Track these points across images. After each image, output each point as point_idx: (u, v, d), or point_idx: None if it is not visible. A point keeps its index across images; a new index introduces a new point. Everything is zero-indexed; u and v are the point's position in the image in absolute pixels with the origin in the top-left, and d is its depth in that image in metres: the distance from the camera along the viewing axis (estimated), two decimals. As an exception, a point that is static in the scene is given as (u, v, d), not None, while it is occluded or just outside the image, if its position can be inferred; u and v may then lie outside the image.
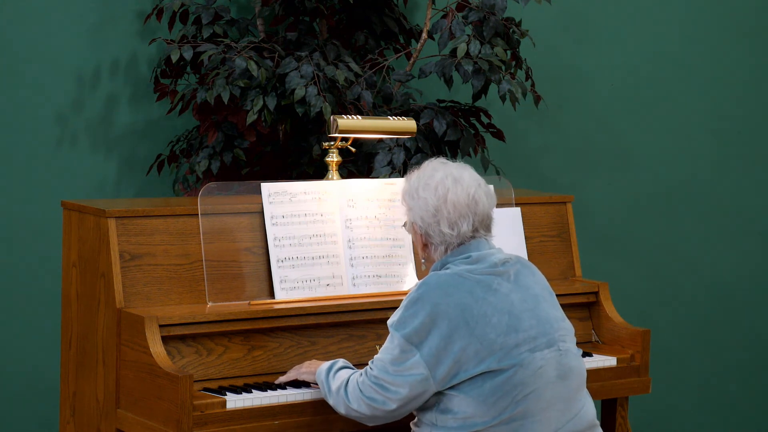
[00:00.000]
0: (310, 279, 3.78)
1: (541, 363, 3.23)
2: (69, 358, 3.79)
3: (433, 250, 3.36)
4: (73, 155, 4.73)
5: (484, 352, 3.19)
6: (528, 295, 3.30)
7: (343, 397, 3.33)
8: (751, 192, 5.84)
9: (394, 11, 4.94)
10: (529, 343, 3.23)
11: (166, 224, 3.65)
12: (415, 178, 3.38)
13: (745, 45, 5.78)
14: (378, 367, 3.27)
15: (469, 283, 3.24)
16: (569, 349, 3.32)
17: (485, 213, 3.34)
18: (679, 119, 5.70)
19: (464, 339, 3.19)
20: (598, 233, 5.56)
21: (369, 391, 3.28)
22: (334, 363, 3.44)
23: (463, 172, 3.35)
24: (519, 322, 3.24)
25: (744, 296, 5.86)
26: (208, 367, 3.54)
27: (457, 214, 3.30)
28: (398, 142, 4.55)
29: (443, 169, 3.35)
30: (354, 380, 3.33)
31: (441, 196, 3.30)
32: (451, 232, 3.30)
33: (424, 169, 3.39)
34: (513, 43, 4.66)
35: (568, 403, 3.29)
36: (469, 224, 3.31)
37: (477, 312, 3.20)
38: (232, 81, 4.41)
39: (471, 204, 3.31)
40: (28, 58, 4.65)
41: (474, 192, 3.32)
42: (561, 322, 3.34)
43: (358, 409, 3.30)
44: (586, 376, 3.39)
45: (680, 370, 5.76)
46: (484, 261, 3.30)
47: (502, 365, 3.19)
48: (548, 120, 5.46)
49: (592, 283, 4.21)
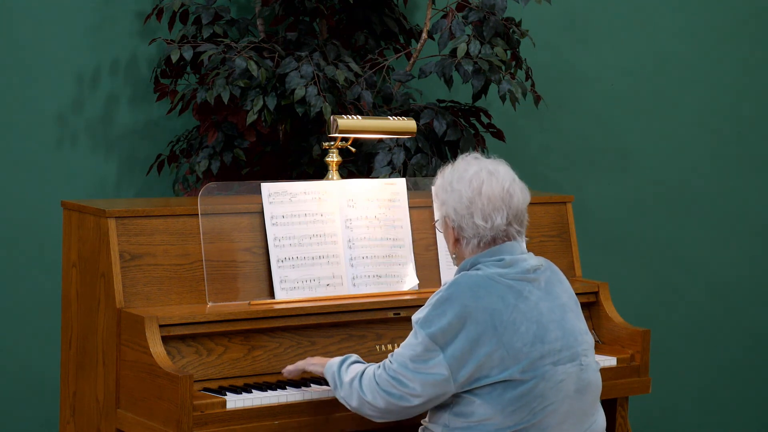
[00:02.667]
0: (310, 279, 3.78)
1: (562, 377, 3.21)
2: (69, 358, 3.79)
3: (464, 245, 3.30)
4: (73, 155, 4.73)
5: (509, 360, 3.15)
6: (556, 305, 3.26)
7: (357, 389, 3.28)
8: (751, 192, 5.84)
9: (394, 11, 4.94)
10: (554, 355, 3.20)
11: (166, 224, 3.65)
12: (449, 172, 3.34)
13: (745, 45, 5.78)
14: (398, 361, 3.23)
15: (500, 287, 3.20)
16: (590, 364, 3.29)
17: (519, 207, 3.30)
18: (679, 119, 5.70)
19: (491, 344, 3.15)
20: (598, 233, 5.56)
21: (386, 384, 3.24)
22: (347, 357, 3.40)
23: (498, 166, 3.33)
24: (546, 332, 3.20)
25: (744, 296, 5.86)
26: (208, 367, 3.54)
27: (492, 206, 3.26)
28: (398, 142, 4.55)
29: (477, 164, 3.33)
30: (370, 372, 3.28)
31: (476, 188, 3.26)
32: (485, 224, 3.25)
33: (458, 163, 3.36)
34: (513, 43, 4.66)
35: (582, 417, 3.27)
36: (503, 217, 3.27)
37: (506, 318, 3.16)
38: (232, 81, 4.41)
39: (506, 197, 3.27)
40: (28, 58, 4.65)
41: (509, 186, 3.29)
42: (584, 335, 3.31)
43: (372, 401, 3.25)
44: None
45: (680, 370, 5.76)
46: (516, 266, 3.26)
47: (525, 376, 3.16)
48: (548, 120, 5.46)
49: (592, 283, 4.21)
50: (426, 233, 4.01)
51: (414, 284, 3.93)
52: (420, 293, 3.88)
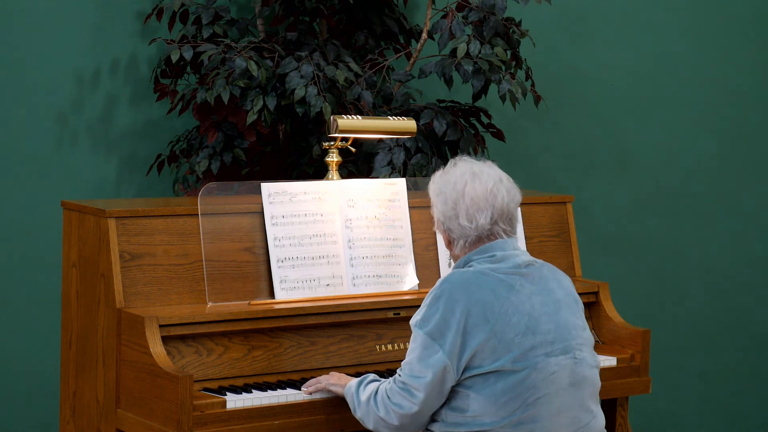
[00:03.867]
0: (310, 279, 3.78)
1: (555, 368, 3.23)
2: (69, 358, 3.79)
3: (455, 245, 3.36)
4: (73, 155, 4.73)
5: (501, 349, 3.19)
6: (549, 299, 3.29)
7: (372, 407, 3.32)
8: (751, 192, 5.83)
9: (394, 11, 4.94)
10: (546, 347, 3.22)
11: (166, 224, 3.64)
12: (438, 176, 3.41)
13: (745, 45, 5.78)
14: (405, 371, 3.27)
15: (491, 281, 3.24)
16: (585, 359, 3.30)
17: (504, 207, 3.33)
18: (679, 119, 5.70)
19: (483, 334, 3.18)
20: (598, 233, 5.56)
21: (396, 397, 3.27)
22: (365, 377, 3.43)
23: (484, 168, 3.37)
24: (537, 324, 3.23)
25: (744, 296, 5.86)
26: (208, 367, 3.54)
27: (475, 207, 3.31)
28: (398, 142, 4.55)
29: (464, 166, 3.38)
30: (383, 389, 3.32)
31: (459, 190, 3.32)
32: (469, 224, 3.31)
33: (447, 167, 3.42)
34: (513, 43, 4.66)
35: (579, 413, 3.28)
36: (487, 217, 3.31)
37: (498, 310, 3.20)
38: (232, 81, 4.41)
39: (489, 197, 3.31)
40: (29, 58, 4.65)
41: (493, 186, 3.33)
42: (580, 331, 3.32)
43: (386, 417, 3.28)
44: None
45: (680, 370, 5.76)
46: (508, 261, 3.30)
47: (516, 366, 3.19)
48: (548, 120, 5.46)
49: (592, 283, 4.21)
50: (426, 233, 4.01)
51: (414, 284, 3.93)
52: (420, 293, 3.88)
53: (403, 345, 3.80)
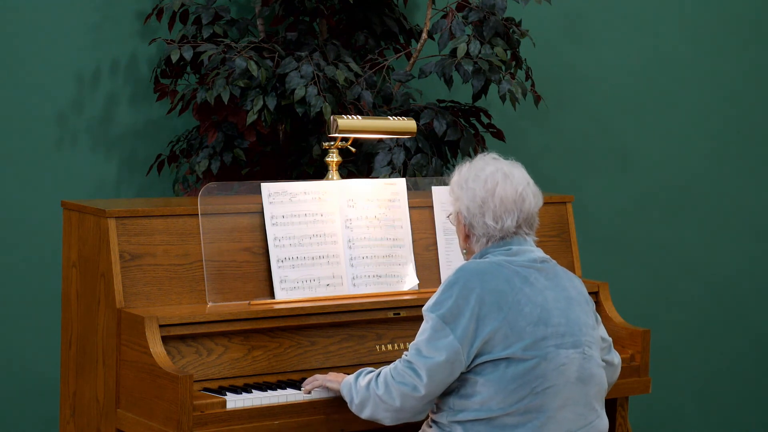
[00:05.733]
0: (310, 279, 3.78)
1: (564, 360, 3.25)
2: (69, 358, 3.79)
3: (474, 241, 3.37)
4: (73, 155, 4.73)
5: (512, 337, 3.21)
6: (562, 295, 3.31)
7: (373, 388, 3.31)
8: (751, 192, 5.84)
9: (394, 11, 4.94)
10: (556, 338, 3.25)
11: (166, 224, 3.65)
12: (466, 170, 3.41)
13: (745, 45, 5.78)
14: (412, 352, 3.27)
15: (506, 272, 3.27)
16: (593, 356, 3.33)
17: (530, 211, 3.36)
18: (678, 119, 5.70)
19: (495, 322, 3.20)
20: (598, 233, 5.56)
21: (402, 375, 3.26)
22: (363, 369, 3.44)
23: (514, 170, 3.38)
24: (549, 317, 3.25)
25: (744, 296, 5.86)
26: (208, 367, 3.54)
27: (503, 208, 3.32)
28: (398, 142, 4.55)
29: (494, 164, 3.39)
30: (386, 370, 3.32)
31: (489, 189, 3.33)
32: (495, 225, 3.32)
33: (476, 161, 3.42)
34: (513, 43, 4.66)
35: (584, 409, 3.29)
36: (514, 220, 3.33)
37: (511, 299, 3.23)
38: (232, 81, 4.41)
39: (518, 200, 3.33)
40: (28, 58, 4.65)
41: (522, 189, 3.34)
42: (590, 329, 3.35)
43: (387, 398, 3.28)
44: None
45: (680, 370, 5.76)
46: (523, 255, 3.33)
47: (527, 354, 3.21)
48: (548, 120, 5.46)
49: (592, 283, 4.21)
50: (426, 233, 4.01)
51: (414, 284, 3.93)
52: (420, 293, 3.88)
53: (404, 345, 3.81)
